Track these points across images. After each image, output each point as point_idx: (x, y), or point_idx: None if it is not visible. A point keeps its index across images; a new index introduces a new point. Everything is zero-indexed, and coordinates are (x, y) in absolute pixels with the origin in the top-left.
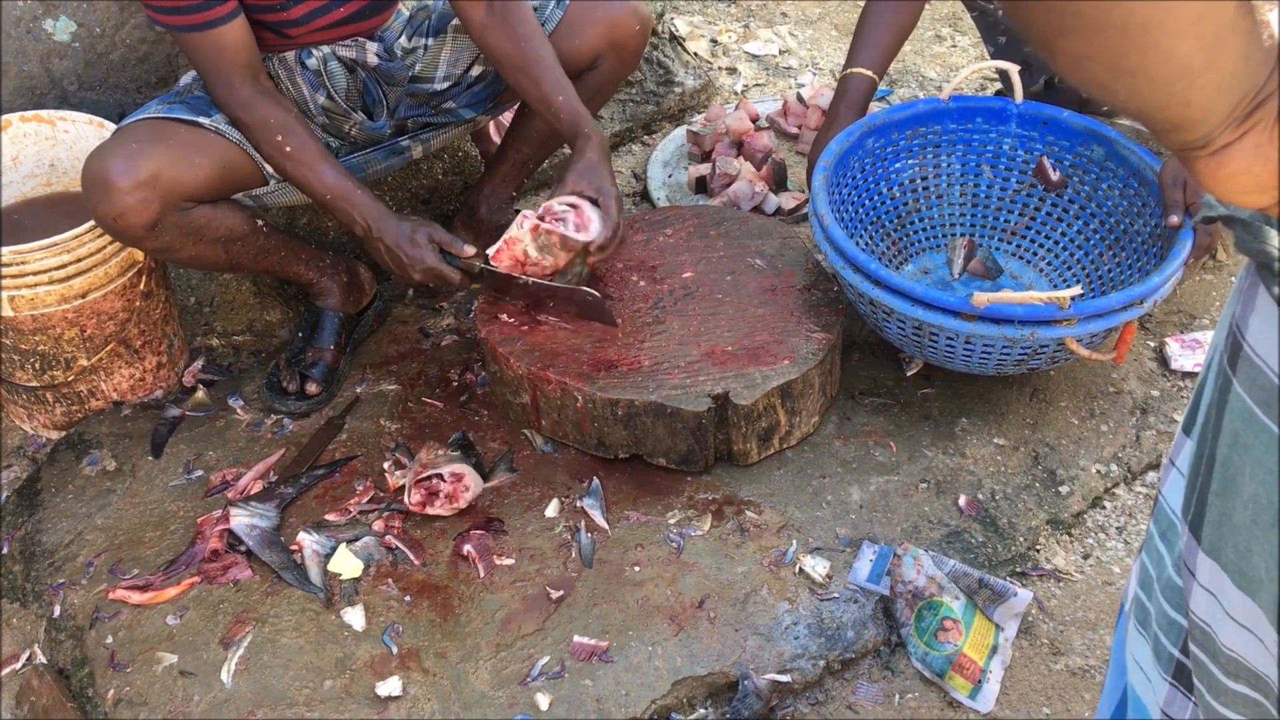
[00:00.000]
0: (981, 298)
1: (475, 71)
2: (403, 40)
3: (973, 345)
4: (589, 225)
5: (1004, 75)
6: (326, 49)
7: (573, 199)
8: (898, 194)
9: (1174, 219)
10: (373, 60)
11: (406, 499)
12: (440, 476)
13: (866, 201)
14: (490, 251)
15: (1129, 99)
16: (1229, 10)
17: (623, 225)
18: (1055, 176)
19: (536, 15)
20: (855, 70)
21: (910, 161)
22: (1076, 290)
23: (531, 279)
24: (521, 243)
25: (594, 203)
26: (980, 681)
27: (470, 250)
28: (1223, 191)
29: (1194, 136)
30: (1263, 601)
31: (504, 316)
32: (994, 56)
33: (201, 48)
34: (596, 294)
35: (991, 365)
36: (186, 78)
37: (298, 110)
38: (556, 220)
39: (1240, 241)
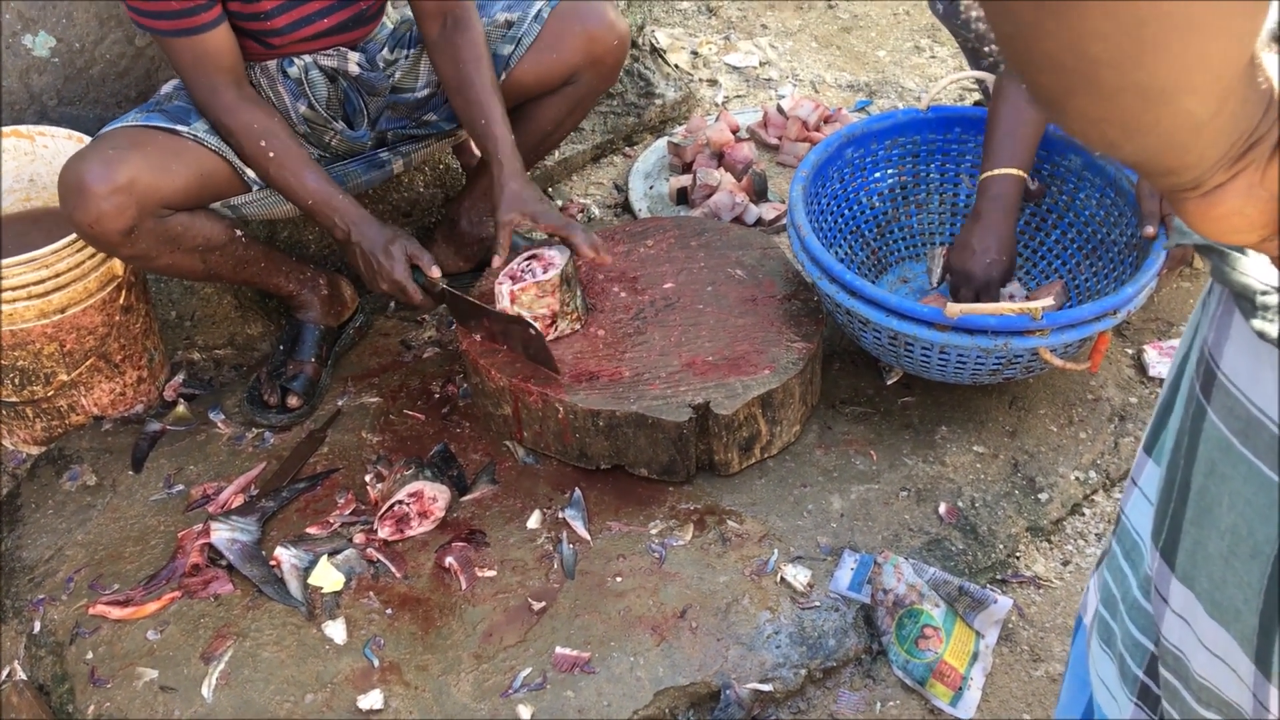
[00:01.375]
0: (954, 308)
1: None
2: (385, 52)
3: (948, 355)
4: (553, 260)
5: (983, 85)
6: (308, 58)
7: (528, 252)
8: (877, 203)
9: (1149, 230)
10: (354, 70)
11: (381, 535)
12: (400, 502)
13: (846, 211)
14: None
15: (1134, 153)
16: (1243, 62)
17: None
18: (1033, 186)
19: (514, 29)
20: (999, 171)
21: (889, 171)
22: (1049, 301)
23: (488, 306)
24: (515, 308)
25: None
26: (961, 689)
27: (437, 271)
28: (1213, 231)
29: (1186, 179)
30: (1237, 632)
31: None
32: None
33: (185, 53)
34: (538, 329)
35: (967, 374)
36: (167, 87)
37: (280, 116)
38: (524, 275)
39: (1217, 271)
